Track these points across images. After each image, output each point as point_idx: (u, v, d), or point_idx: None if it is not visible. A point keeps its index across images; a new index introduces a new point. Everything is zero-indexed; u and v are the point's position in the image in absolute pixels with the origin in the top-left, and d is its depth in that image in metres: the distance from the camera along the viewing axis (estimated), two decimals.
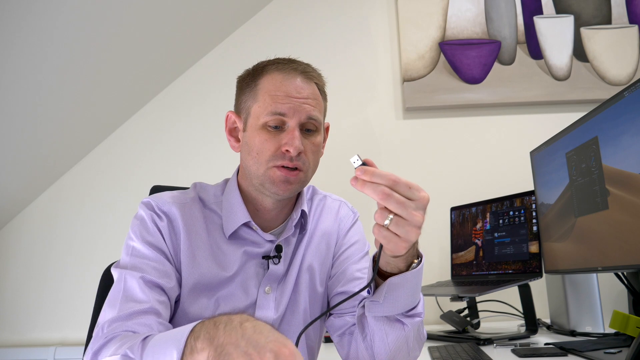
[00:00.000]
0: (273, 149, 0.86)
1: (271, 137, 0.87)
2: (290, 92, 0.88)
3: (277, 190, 0.88)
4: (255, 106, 0.89)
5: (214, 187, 0.99)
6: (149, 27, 1.84)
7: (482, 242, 1.68)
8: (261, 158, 0.87)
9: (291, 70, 0.90)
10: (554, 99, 2.04)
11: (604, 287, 1.49)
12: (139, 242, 0.86)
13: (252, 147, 0.88)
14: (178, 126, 2.10)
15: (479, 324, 1.62)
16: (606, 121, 1.13)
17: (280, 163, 0.86)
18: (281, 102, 0.87)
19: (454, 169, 2.04)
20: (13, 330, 1.95)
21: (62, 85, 1.75)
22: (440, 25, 2.11)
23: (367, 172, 0.68)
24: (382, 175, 0.68)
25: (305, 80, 0.90)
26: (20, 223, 2.04)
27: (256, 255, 0.92)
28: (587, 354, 1.09)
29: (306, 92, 0.89)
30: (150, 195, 0.94)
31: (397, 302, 0.79)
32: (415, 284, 0.78)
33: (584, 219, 1.23)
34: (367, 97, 2.11)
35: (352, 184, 0.69)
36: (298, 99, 0.87)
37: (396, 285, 0.77)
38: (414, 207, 0.68)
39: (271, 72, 0.90)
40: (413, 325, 0.83)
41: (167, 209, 0.90)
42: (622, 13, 2.09)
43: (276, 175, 0.87)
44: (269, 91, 0.88)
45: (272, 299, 0.91)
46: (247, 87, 0.93)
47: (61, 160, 2.02)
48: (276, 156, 0.86)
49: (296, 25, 2.16)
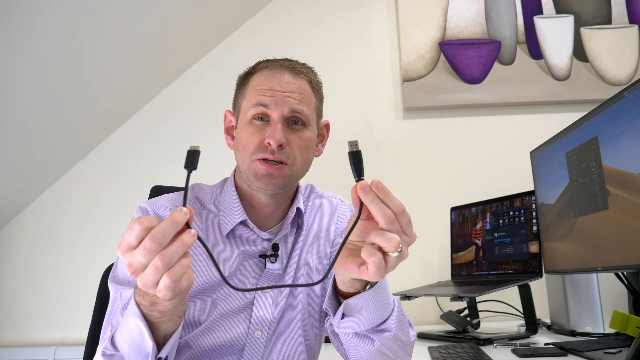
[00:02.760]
0: (257, 141, 0.87)
1: (256, 131, 0.88)
2: (274, 85, 0.89)
3: (260, 184, 0.87)
4: (244, 102, 0.92)
5: (212, 187, 0.99)
6: (149, 27, 1.84)
7: (482, 242, 1.69)
8: (246, 151, 0.88)
9: (279, 66, 0.92)
10: (554, 99, 2.04)
11: (604, 287, 1.49)
12: None
13: (240, 141, 0.90)
14: (178, 126, 2.10)
15: (479, 324, 1.62)
16: (606, 121, 1.13)
17: (262, 156, 0.86)
18: (264, 95, 0.88)
19: (454, 169, 2.04)
20: (13, 330, 1.95)
21: (62, 85, 1.75)
22: (440, 25, 2.11)
23: (383, 190, 0.61)
24: (394, 200, 0.62)
25: (292, 75, 0.91)
26: (20, 223, 2.04)
27: (253, 254, 0.92)
28: (587, 354, 1.09)
29: (291, 87, 0.89)
30: (147, 200, 0.93)
31: (360, 321, 0.76)
32: (376, 302, 0.75)
33: (584, 219, 1.23)
34: (367, 97, 2.11)
35: (359, 192, 0.61)
36: (281, 92, 0.88)
37: (353, 305, 0.74)
38: (407, 243, 0.63)
39: (260, 70, 0.93)
40: (383, 340, 0.79)
41: (163, 214, 0.89)
42: (622, 13, 2.09)
43: (258, 168, 0.87)
44: (255, 86, 0.90)
45: (269, 298, 0.91)
46: (240, 86, 0.96)
47: (61, 160, 2.02)
48: (259, 149, 0.87)
49: (296, 25, 2.16)
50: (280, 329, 0.92)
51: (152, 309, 0.65)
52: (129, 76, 1.96)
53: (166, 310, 0.65)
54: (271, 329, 0.90)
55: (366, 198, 0.61)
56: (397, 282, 1.81)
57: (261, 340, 0.89)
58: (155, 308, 0.65)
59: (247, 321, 0.88)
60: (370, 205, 0.61)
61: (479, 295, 1.41)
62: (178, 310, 0.67)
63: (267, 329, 0.89)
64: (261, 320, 0.89)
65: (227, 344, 0.87)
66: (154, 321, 0.66)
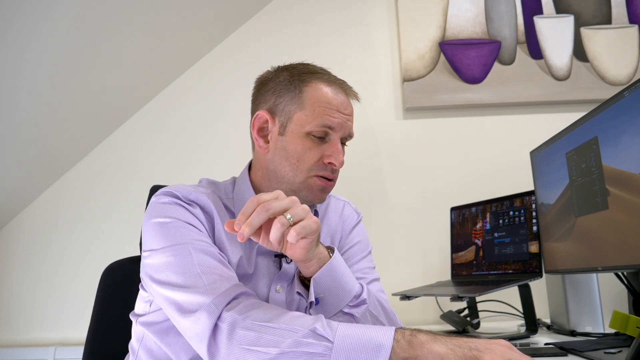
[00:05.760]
0: (316, 158, 0.90)
1: (315, 147, 0.90)
2: (339, 107, 0.92)
3: (314, 198, 0.91)
4: (300, 113, 0.90)
5: (223, 184, 0.98)
6: (149, 27, 1.84)
7: (482, 242, 1.68)
8: (302, 166, 0.89)
9: (337, 85, 0.95)
10: (554, 99, 2.04)
11: (604, 287, 1.49)
12: (177, 220, 0.82)
13: (292, 153, 0.90)
14: (178, 126, 2.10)
15: (479, 324, 1.62)
16: (606, 121, 1.13)
17: (322, 174, 0.90)
18: (332, 117, 0.90)
19: (454, 169, 2.04)
20: (13, 330, 1.95)
21: (62, 85, 1.75)
22: (440, 25, 2.11)
23: (244, 214, 0.68)
24: (251, 206, 0.69)
25: (348, 96, 0.96)
26: (20, 223, 2.04)
27: (268, 253, 0.92)
28: (587, 354, 1.09)
29: (350, 109, 0.95)
30: (170, 186, 0.90)
31: (330, 299, 0.80)
32: (336, 275, 0.80)
33: (584, 219, 1.23)
34: (367, 97, 2.11)
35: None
36: (345, 115, 0.92)
37: (319, 282, 0.79)
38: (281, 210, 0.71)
39: (317, 83, 0.93)
40: (361, 313, 0.83)
41: (195, 197, 0.87)
42: (622, 13, 2.09)
43: (316, 184, 0.90)
44: (319, 102, 0.91)
45: (282, 299, 0.91)
46: (287, 91, 0.93)
47: (61, 160, 2.02)
48: (318, 166, 0.90)
49: (296, 26, 2.16)
50: None
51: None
52: (128, 76, 1.96)
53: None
54: None
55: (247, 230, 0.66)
56: (397, 282, 1.81)
57: None
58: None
59: None
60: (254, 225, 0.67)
61: (479, 295, 1.41)
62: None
63: None
64: None
65: None
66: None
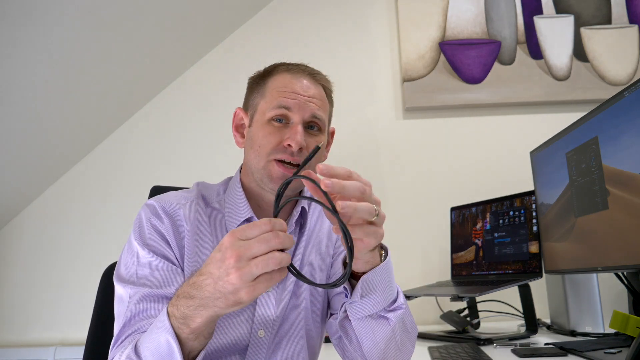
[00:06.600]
0: (275, 142, 0.88)
1: (275, 131, 0.88)
2: (296, 89, 0.90)
3: (274, 186, 0.88)
4: (262, 102, 0.92)
5: (216, 186, 0.99)
6: (149, 27, 1.84)
7: (482, 242, 1.69)
8: (262, 151, 0.88)
9: (299, 70, 0.93)
10: (554, 99, 2.04)
11: (604, 287, 1.49)
12: (142, 249, 0.85)
13: (255, 140, 0.90)
14: (178, 126, 2.10)
15: (479, 324, 1.62)
16: (606, 121, 1.13)
17: (281, 157, 0.87)
18: (287, 97, 0.89)
19: (454, 169, 2.04)
20: (13, 330, 1.95)
21: (63, 85, 1.75)
22: (440, 25, 2.11)
23: (331, 171, 0.65)
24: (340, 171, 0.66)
25: (312, 81, 0.93)
26: (20, 223, 2.04)
27: None
28: (587, 354, 1.09)
29: (312, 92, 0.91)
30: (153, 198, 0.93)
31: (376, 299, 0.79)
32: (388, 276, 0.79)
33: (584, 219, 1.23)
34: (367, 97, 2.11)
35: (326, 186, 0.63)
36: (304, 96, 0.90)
37: (370, 281, 0.77)
38: (376, 203, 0.68)
39: (280, 72, 0.93)
40: (397, 318, 0.82)
41: (172, 210, 0.89)
42: (622, 13, 2.09)
43: (274, 170, 0.87)
44: (276, 87, 0.91)
45: (272, 297, 0.91)
46: (256, 85, 0.96)
47: (61, 160, 2.02)
48: (277, 150, 0.87)
49: (296, 26, 2.16)
50: (283, 328, 0.92)
51: (183, 323, 0.65)
52: (129, 76, 1.96)
53: (197, 327, 0.65)
54: (274, 328, 0.90)
55: (335, 188, 0.64)
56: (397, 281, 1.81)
57: (264, 339, 0.89)
58: (187, 323, 0.64)
59: (250, 321, 0.88)
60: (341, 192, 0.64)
61: (479, 295, 1.41)
62: (208, 329, 0.67)
63: (270, 328, 0.89)
64: (264, 319, 0.89)
65: (230, 345, 0.86)
66: (181, 336, 0.66)
